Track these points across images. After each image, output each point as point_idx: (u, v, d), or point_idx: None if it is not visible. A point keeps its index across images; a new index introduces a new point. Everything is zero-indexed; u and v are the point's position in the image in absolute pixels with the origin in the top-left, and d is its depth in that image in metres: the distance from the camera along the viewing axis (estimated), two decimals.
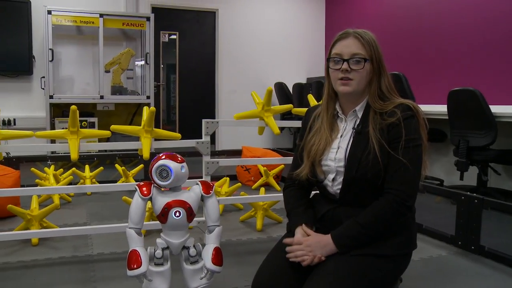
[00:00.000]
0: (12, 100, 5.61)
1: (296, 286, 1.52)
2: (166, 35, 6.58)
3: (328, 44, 7.42)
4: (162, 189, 1.56)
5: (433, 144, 4.58)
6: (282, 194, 1.85)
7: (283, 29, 7.03)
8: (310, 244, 1.59)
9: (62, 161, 4.42)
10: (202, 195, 1.57)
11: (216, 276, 1.60)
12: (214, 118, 6.66)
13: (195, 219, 2.54)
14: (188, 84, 6.75)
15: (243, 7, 6.84)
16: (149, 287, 1.50)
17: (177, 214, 1.50)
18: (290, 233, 1.69)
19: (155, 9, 6.32)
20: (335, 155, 1.67)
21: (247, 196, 2.91)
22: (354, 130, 1.66)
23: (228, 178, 3.51)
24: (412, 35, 5.51)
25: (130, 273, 1.42)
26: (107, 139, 5.26)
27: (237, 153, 5.05)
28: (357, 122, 1.67)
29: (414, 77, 4.87)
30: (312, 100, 2.78)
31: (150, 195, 1.52)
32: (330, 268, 1.51)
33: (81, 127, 2.41)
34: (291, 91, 6.44)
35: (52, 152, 5.22)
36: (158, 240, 1.54)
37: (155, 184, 1.55)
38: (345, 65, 1.61)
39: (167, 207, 1.50)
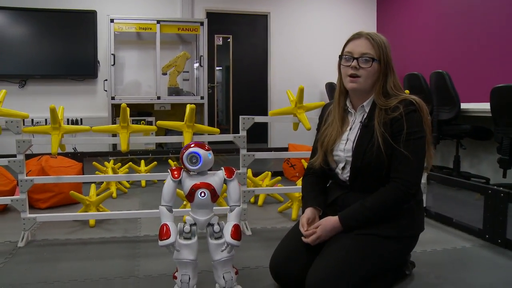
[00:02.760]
0: (79, 102, 6.13)
1: (309, 264, 1.70)
2: (220, 38, 6.89)
3: None
4: (191, 173, 1.78)
5: (480, 143, 4.53)
6: None
7: (334, 31, 7.12)
8: (318, 225, 1.77)
9: (121, 156, 4.81)
10: (225, 179, 1.78)
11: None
12: (266, 123, 6.90)
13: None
14: (241, 85, 7.03)
15: (294, 10, 7.02)
16: (178, 257, 1.73)
17: (202, 194, 1.72)
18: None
19: (209, 14, 6.65)
20: (344, 146, 1.84)
21: (282, 186, 3.10)
22: (361, 124, 1.82)
23: (270, 172, 3.72)
24: (459, 34, 5.45)
25: (161, 243, 1.66)
26: (165, 133, 5.64)
27: (285, 150, 5.23)
28: (364, 117, 1.82)
29: (460, 75, 4.85)
30: None
31: (180, 177, 1.75)
32: (340, 245, 1.68)
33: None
34: None
35: (113, 148, 5.68)
36: (187, 217, 1.77)
37: (184, 169, 1.78)
38: (354, 63, 1.77)
39: (194, 188, 1.72)
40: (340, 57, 1.86)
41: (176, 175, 1.75)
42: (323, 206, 1.90)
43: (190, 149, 1.74)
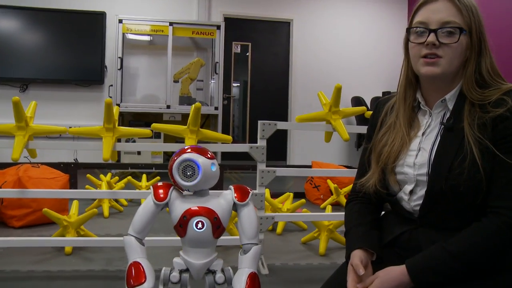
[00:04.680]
0: (84, 109, 5.66)
1: None
2: (238, 46, 6.38)
3: None
4: (184, 192, 1.20)
5: None
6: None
7: (361, 40, 6.58)
8: (374, 278, 1.16)
9: (122, 169, 4.27)
10: (235, 202, 1.19)
11: None
12: (286, 138, 6.32)
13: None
14: (260, 97, 6.45)
15: (319, 17, 6.49)
16: None
17: (199, 225, 1.13)
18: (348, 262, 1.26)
19: (227, 19, 6.14)
20: (415, 160, 1.21)
21: (309, 213, 2.49)
22: (442, 127, 1.20)
23: (291, 194, 3.11)
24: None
25: None
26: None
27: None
28: (447, 116, 1.21)
29: None
30: None
31: (167, 200, 1.17)
32: None
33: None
34: (368, 105, 5.95)
35: (117, 160, 5.13)
36: (176, 260, 1.18)
37: (175, 187, 1.20)
38: (431, 37, 1.16)
39: (187, 215, 1.13)
40: (408, 30, 1.25)
41: (161, 196, 1.16)
42: (378, 248, 1.27)
43: (184, 155, 1.16)
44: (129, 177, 3.71)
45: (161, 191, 1.17)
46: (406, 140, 1.25)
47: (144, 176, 3.79)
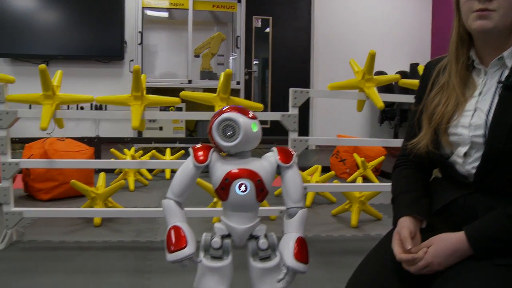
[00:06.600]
0: (104, 85, 5.63)
1: None
2: (259, 20, 6.24)
3: (436, 28, 6.61)
4: (224, 154, 1.14)
5: None
6: (381, 185, 1.33)
7: (385, 11, 6.36)
8: (428, 245, 1.08)
9: (144, 144, 4.24)
10: (279, 164, 1.13)
11: (299, 277, 1.16)
12: (308, 113, 6.20)
13: (277, 207, 2.16)
14: (281, 72, 6.32)
15: None
16: (203, 287, 1.10)
17: (242, 188, 1.07)
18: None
19: None
20: (471, 120, 1.13)
21: (341, 184, 2.42)
22: (500, 86, 1.11)
23: (320, 166, 3.03)
24: None
25: (170, 257, 1.03)
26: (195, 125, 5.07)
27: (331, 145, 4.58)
28: (505, 74, 1.12)
29: None
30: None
31: (207, 162, 1.11)
32: (468, 282, 0.99)
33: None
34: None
35: (139, 135, 5.10)
36: (217, 225, 1.12)
37: (215, 149, 1.13)
38: None
39: (229, 178, 1.07)
40: None
41: (201, 158, 1.10)
42: (427, 215, 1.20)
43: (224, 115, 1.09)
44: (154, 151, 3.67)
45: (200, 153, 1.11)
46: (461, 100, 1.16)
47: (168, 149, 3.75)
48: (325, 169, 3.85)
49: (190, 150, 1.13)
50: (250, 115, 1.13)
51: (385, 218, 2.51)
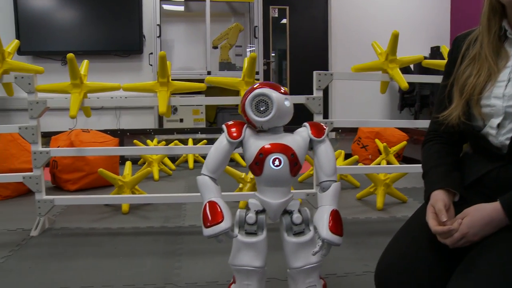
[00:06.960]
0: (124, 79, 5.62)
1: (442, 278, 1.03)
2: (276, 10, 6.21)
3: (455, 12, 6.46)
4: (257, 130, 1.14)
5: None
6: (406, 167, 1.31)
7: None
8: (463, 216, 1.07)
9: (167, 134, 4.27)
10: (311, 139, 1.13)
11: (328, 258, 1.16)
12: (327, 102, 6.16)
13: (303, 190, 2.15)
14: (299, 62, 6.29)
15: None
16: (237, 263, 1.10)
17: (276, 162, 1.07)
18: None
19: None
20: (504, 90, 1.11)
21: (366, 166, 2.40)
22: None
23: (343, 151, 3.01)
24: None
25: (207, 231, 1.03)
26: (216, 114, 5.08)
27: (353, 130, 4.54)
28: None
29: None
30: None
31: (241, 138, 1.11)
32: (505, 252, 0.98)
33: None
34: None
35: (160, 125, 5.14)
36: (251, 201, 1.13)
37: (248, 125, 1.14)
38: None
39: (263, 153, 1.08)
40: None
41: (235, 134, 1.11)
42: (460, 188, 1.18)
43: (257, 90, 1.09)
44: (176, 141, 3.70)
45: (234, 129, 1.12)
46: (494, 70, 1.14)
47: (190, 140, 3.78)
48: (347, 156, 3.84)
49: (223, 126, 1.14)
50: (282, 91, 1.13)
51: (410, 201, 2.50)
